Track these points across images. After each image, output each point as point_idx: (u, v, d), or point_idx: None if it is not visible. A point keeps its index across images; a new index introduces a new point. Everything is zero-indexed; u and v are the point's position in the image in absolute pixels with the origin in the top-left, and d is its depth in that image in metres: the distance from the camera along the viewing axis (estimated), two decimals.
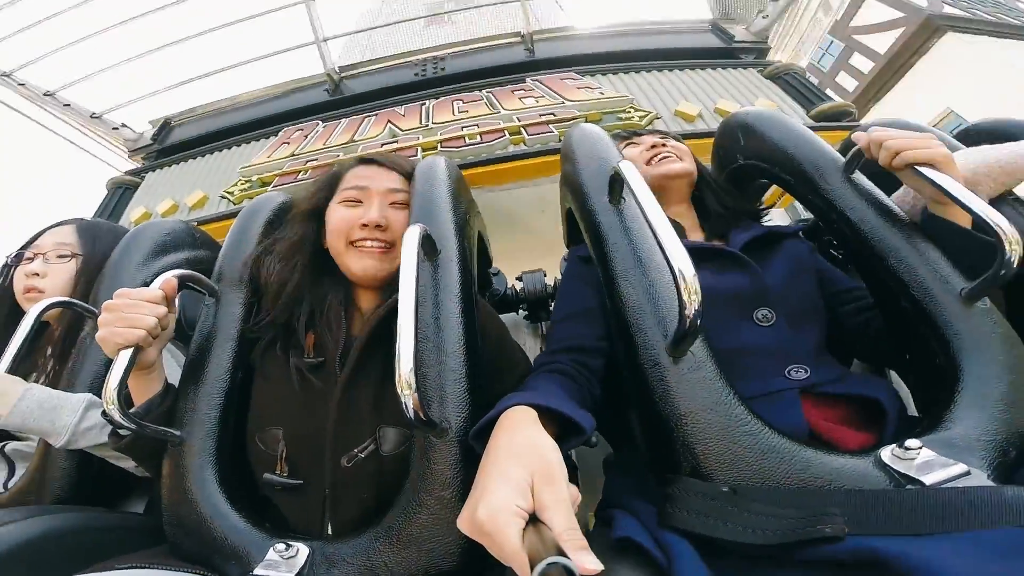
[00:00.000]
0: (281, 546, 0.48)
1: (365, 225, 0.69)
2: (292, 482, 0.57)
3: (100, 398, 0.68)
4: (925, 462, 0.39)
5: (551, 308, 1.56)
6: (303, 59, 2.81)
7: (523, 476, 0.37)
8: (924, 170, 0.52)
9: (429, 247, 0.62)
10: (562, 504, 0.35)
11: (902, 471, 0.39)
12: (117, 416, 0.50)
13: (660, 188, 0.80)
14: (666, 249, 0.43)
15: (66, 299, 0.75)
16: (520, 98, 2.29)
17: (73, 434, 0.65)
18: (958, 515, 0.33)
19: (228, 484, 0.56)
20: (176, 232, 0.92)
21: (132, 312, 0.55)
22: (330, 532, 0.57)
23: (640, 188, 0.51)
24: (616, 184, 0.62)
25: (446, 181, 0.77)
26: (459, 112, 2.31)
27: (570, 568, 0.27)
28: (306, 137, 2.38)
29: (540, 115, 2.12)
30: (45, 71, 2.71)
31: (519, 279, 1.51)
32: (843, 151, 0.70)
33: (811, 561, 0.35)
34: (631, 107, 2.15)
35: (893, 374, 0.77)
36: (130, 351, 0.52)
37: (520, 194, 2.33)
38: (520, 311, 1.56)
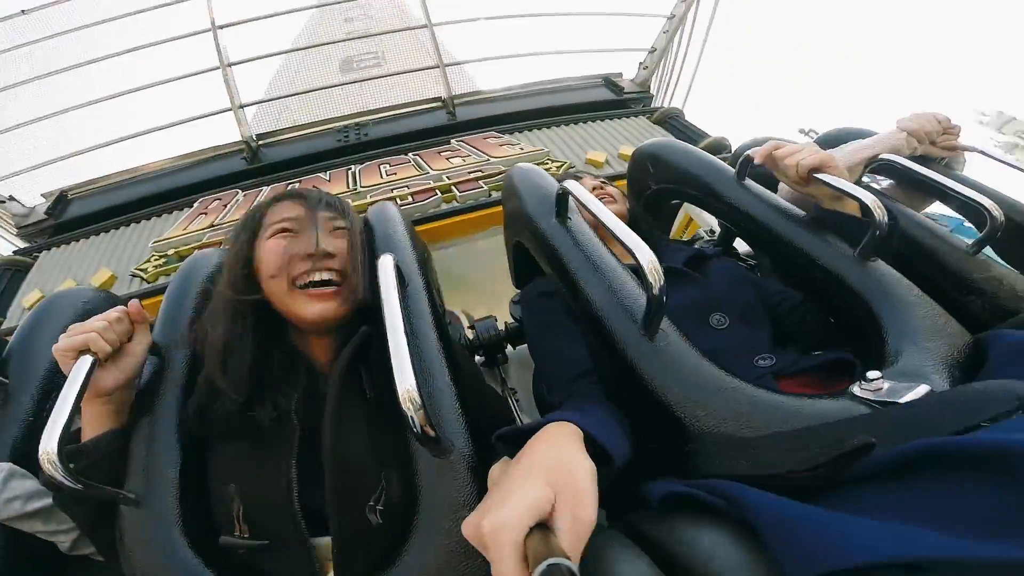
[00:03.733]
0: None
1: (310, 255, 0.61)
2: (254, 543, 0.52)
3: (20, 468, 0.63)
4: (891, 387, 0.43)
5: (507, 351, 1.59)
6: (213, 128, 2.73)
7: (546, 495, 0.34)
8: (821, 176, 0.64)
9: (398, 278, 0.64)
10: (577, 537, 0.33)
11: (876, 399, 0.43)
12: (56, 470, 0.44)
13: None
14: (624, 241, 0.50)
15: None
16: (447, 158, 2.42)
17: None
18: (957, 412, 0.36)
19: (203, 547, 0.50)
20: (95, 300, 0.84)
21: (85, 325, 0.54)
22: None
23: (587, 198, 0.58)
24: (562, 203, 0.69)
25: (401, 222, 0.80)
26: (387, 175, 2.37)
27: (572, 569, 0.27)
28: (226, 207, 2.28)
29: (469, 172, 2.26)
30: None
31: (471, 327, 1.53)
32: (731, 164, 0.85)
33: (857, 478, 0.35)
34: (548, 159, 2.37)
35: None
36: (86, 362, 0.49)
37: (456, 251, 2.40)
38: (477, 357, 1.57)
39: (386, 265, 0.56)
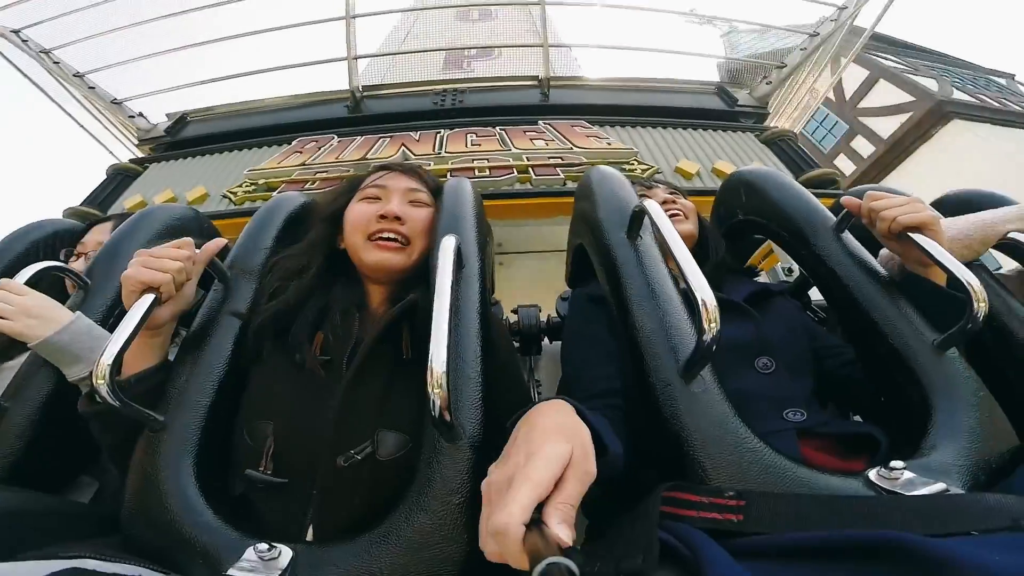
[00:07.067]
0: (263, 546, 0.44)
1: (383, 216, 0.72)
2: (274, 480, 0.55)
3: None
4: (908, 480, 0.43)
5: (543, 343, 1.58)
6: (324, 71, 2.92)
7: (568, 449, 0.38)
8: (914, 236, 0.58)
9: (456, 260, 0.65)
10: (581, 486, 0.37)
11: (888, 488, 0.42)
12: (103, 384, 0.47)
13: None
14: (689, 279, 0.47)
15: (59, 264, 0.76)
16: (531, 139, 2.40)
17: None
18: (952, 516, 0.35)
19: (206, 479, 0.53)
20: (186, 218, 0.92)
21: (161, 257, 0.56)
22: (310, 537, 0.53)
23: (664, 224, 0.55)
24: (636, 220, 0.66)
25: (472, 202, 0.81)
26: (472, 144, 2.41)
27: (572, 569, 0.27)
28: (319, 149, 2.44)
29: (549, 157, 2.23)
30: (75, 53, 2.77)
31: (515, 311, 1.53)
32: (833, 212, 0.76)
33: (828, 550, 0.36)
34: (635, 160, 2.28)
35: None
36: (148, 299, 0.52)
37: (518, 232, 2.40)
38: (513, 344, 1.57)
39: (447, 246, 0.57)
